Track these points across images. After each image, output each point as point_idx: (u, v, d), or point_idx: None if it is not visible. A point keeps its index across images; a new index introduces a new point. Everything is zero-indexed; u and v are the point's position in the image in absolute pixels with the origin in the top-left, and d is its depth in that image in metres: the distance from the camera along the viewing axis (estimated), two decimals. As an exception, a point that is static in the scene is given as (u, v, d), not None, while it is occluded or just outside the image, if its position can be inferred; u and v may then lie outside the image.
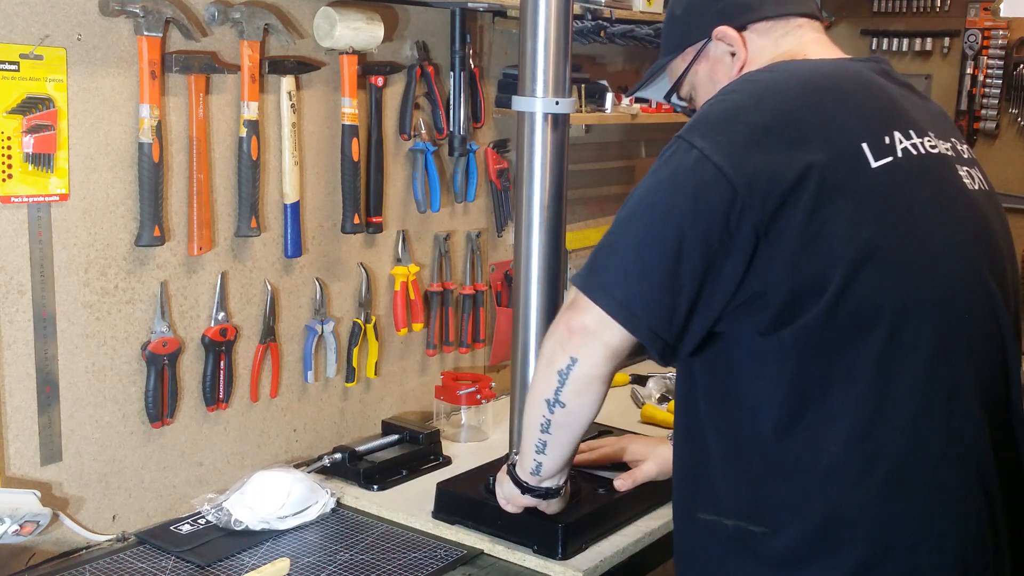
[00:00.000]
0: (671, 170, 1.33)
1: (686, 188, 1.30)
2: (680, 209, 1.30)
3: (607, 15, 2.57)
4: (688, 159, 1.31)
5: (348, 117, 2.15)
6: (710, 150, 1.30)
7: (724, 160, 1.29)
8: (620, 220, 1.36)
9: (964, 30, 3.50)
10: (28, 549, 1.74)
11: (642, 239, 1.32)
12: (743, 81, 1.44)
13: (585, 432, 1.53)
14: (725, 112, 1.36)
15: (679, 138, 1.34)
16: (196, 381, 1.98)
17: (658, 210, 1.32)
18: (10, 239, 1.69)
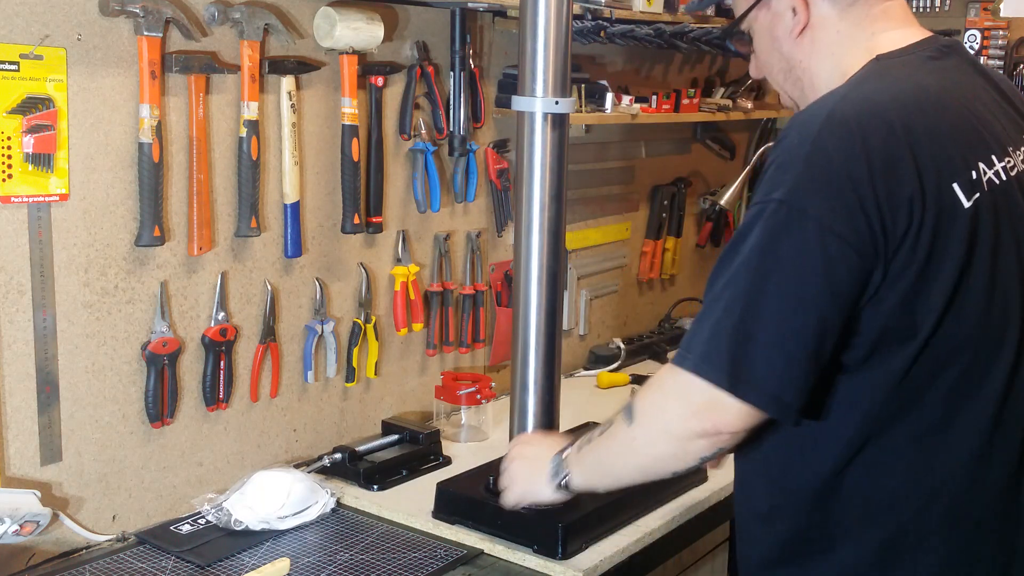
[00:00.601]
0: (794, 249, 1.26)
1: (816, 269, 1.25)
2: (814, 292, 1.26)
3: (607, 15, 2.57)
4: (808, 233, 1.25)
5: (348, 117, 2.15)
6: (828, 219, 1.25)
7: (845, 228, 1.25)
8: (743, 301, 1.27)
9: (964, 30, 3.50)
10: (28, 549, 1.74)
11: (782, 330, 1.26)
12: (813, 116, 1.32)
13: None
14: (819, 167, 1.27)
15: (784, 204, 1.26)
16: (196, 381, 1.98)
17: (792, 298, 1.27)
18: (10, 239, 1.69)
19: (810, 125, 1.30)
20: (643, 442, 1.41)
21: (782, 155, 1.31)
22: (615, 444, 1.47)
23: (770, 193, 1.28)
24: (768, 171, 1.32)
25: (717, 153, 3.46)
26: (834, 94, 1.37)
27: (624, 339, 3.09)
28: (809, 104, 1.40)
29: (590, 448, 1.54)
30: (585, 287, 3.02)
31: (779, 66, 1.52)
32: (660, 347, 3.13)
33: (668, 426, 1.36)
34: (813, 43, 1.46)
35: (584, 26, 2.53)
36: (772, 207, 1.27)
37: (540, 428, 1.88)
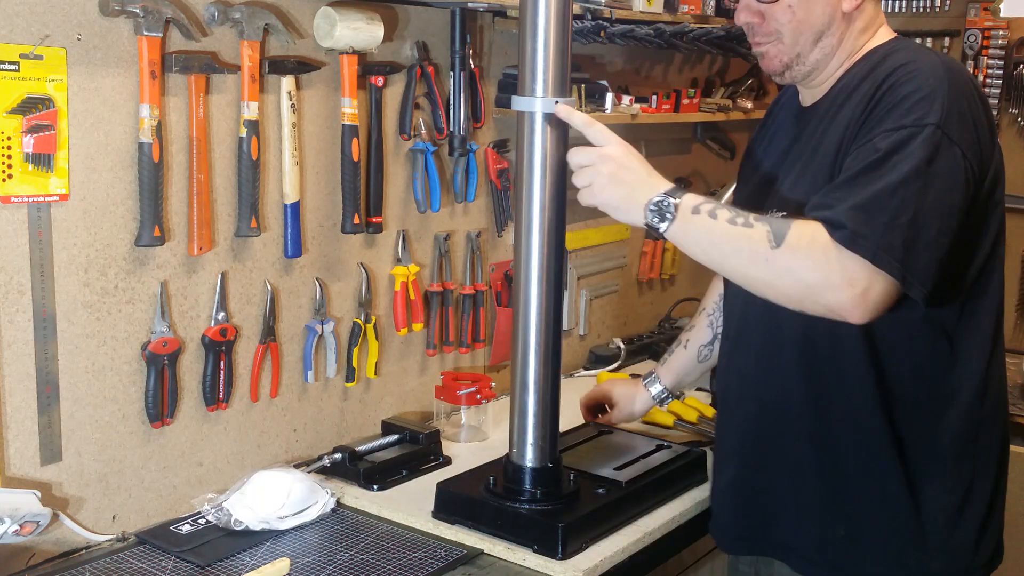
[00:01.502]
0: (948, 167, 1.52)
1: (960, 185, 1.53)
2: (959, 204, 1.54)
3: (607, 15, 2.57)
4: (956, 155, 1.52)
5: (348, 117, 2.15)
6: (965, 147, 1.53)
7: (973, 155, 1.55)
8: (914, 204, 1.49)
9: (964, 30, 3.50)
10: (28, 549, 1.74)
11: (941, 233, 1.51)
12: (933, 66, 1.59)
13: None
14: (959, 106, 1.54)
15: (939, 128, 1.51)
16: (196, 381, 1.98)
17: (947, 207, 1.52)
18: (10, 239, 1.69)
19: (937, 72, 1.57)
20: (776, 270, 1.53)
21: (916, 89, 1.54)
22: (744, 244, 1.54)
23: (924, 118, 1.51)
24: (898, 102, 1.55)
25: (717, 153, 3.46)
26: (922, 52, 1.67)
27: (624, 339, 3.09)
28: (909, 58, 1.63)
29: (711, 222, 1.56)
30: (585, 287, 3.02)
31: (818, 28, 1.70)
32: (660, 347, 3.13)
33: (815, 281, 1.51)
34: (858, 21, 1.71)
35: (584, 26, 2.53)
36: (930, 130, 1.51)
37: (540, 428, 1.87)
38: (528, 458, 1.88)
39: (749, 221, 1.54)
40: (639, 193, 1.62)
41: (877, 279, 1.47)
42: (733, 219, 1.55)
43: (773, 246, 1.51)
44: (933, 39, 3.56)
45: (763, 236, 1.52)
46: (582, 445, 2.20)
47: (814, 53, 1.72)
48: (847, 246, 1.47)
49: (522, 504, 1.86)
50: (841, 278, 1.48)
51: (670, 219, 1.58)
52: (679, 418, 2.48)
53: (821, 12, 1.69)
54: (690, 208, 1.58)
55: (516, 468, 1.89)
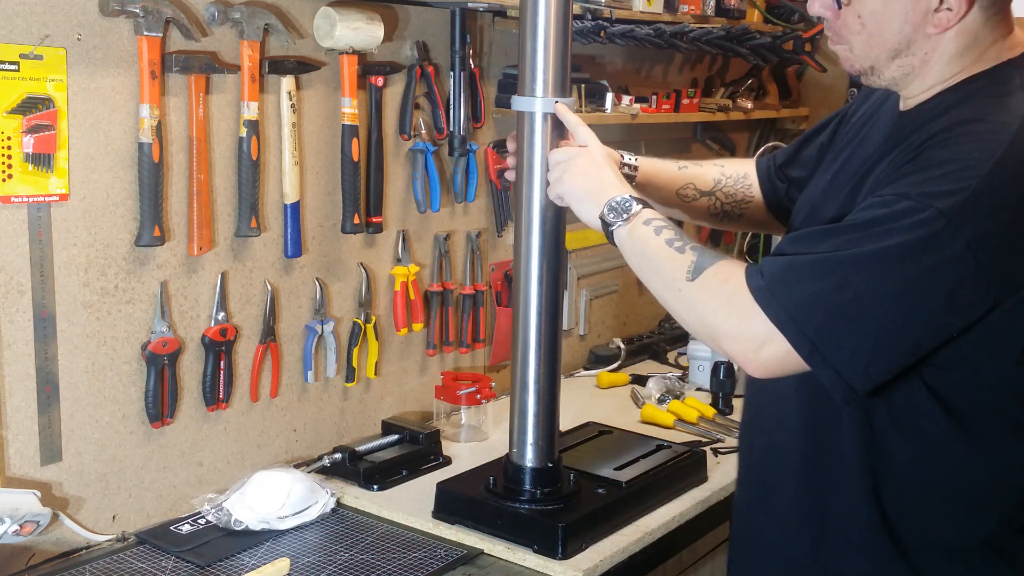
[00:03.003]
0: (935, 265, 1.27)
1: (944, 285, 1.28)
2: (931, 309, 1.29)
3: (607, 15, 2.57)
4: (954, 253, 1.27)
5: (348, 117, 2.15)
6: (978, 245, 1.26)
7: (988, 257, 1.27)
8: (864, 291, 1.30)
9: (964, 30, 3.49)
10: (28, 549, 1.74)
11: (885, 328, 1.30)
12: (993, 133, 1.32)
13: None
14: (997, 198, 1.28)
15: (945, 216, 1.26)
16: (196, 381, 1.98)
17: (907, 302, 1.29)
18: (10, 239, 1.69)
19: (992, 145, 1.30)
20: (684, 303, 1.47)
21: (957, 161, 1.30)
22: (667, 267, 1.49)
23: (933, 198, 1.27)
24: (928, 164, 1.32)
25: (717, 153, 3.46)
26: (1000, 104, 1.36)
27: (624, 339, 3.09)
28: (979, 113, 1.36)
29: (651, 238, 1.53)
30: (585, 287, 3.02)
31: (892, 46, 1.43)
32: (660, 347, 3.13)
33: (714, 324, 1.43)
34: (950, 43, 1.41)
35: (584, 26, 2.53)
36: (932, 214, 1.27)
37: (540, 428, 1.88)
38: (528, 458, 1.88)
39: (684, 247, 1.48)
40: (604, 190, 1.62)
41: (776, 340, 1.34)
42: (671, 240, 1.50)
43: (689, 278, 1.44)
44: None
45: (684, 265, 1.45)
46: (582, 445, 2.20)
47: (891, 70, 1.46)
48: (756, 298, 1.35)
49: (522, 504, 1.86)
50: (737, 328, 1.38)
51: (624, 220, 1.57)
52: (679, 418, 2.48)
53: (898, 29, 1.42)
54: (643, 218, 1.56)
55: (516, 468, 1.89)
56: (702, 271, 1.44)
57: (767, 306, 1.35)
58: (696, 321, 1.47)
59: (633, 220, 1.56)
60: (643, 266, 1.55)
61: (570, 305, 2.93)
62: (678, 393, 2.65)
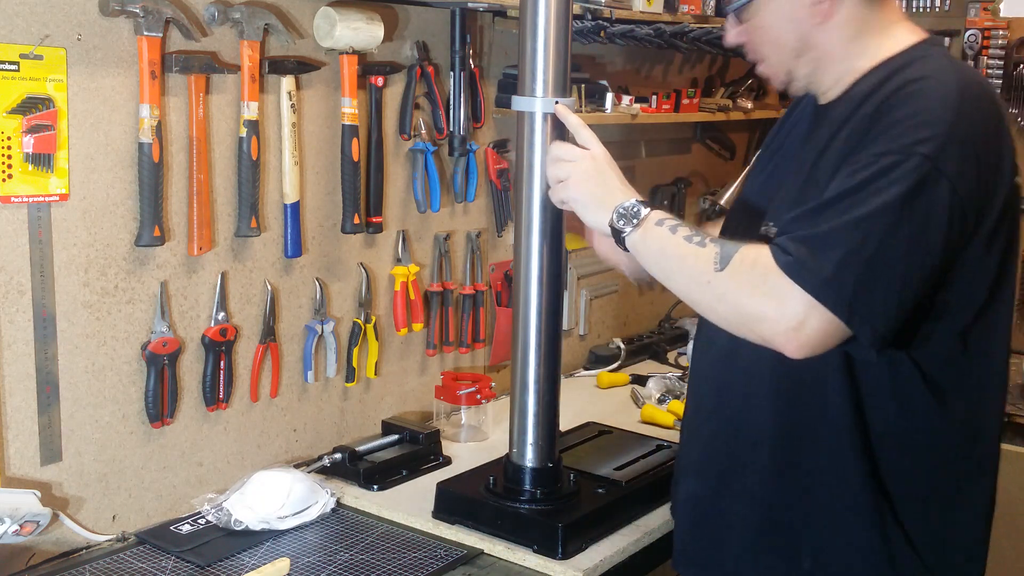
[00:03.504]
0: (930, 204, 1.38)
1: (942, 226, 1.40)
2: (936, 246, 1.40)
3: (607, 15, 2.57)
4: (942, 192, 1.38)
5: (348, 117, 2.15)
6: (958, 182, 1.39)
7: (968, 191, 1.40)
8: (878, 242, 1.37)
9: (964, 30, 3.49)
10: (28, 549, 1.74)
11: (905, 275, 1.40)
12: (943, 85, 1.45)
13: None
14: (961, 136, 1.40)
15: (929, 159, 1.37)
16: (196, 381, 1.98)
17: (919, 248, 1.40)
18: (10, 239, 1.69)
19: (947, 92, 1.43)
20: (715, 293, 1.48)
21: (916, 111, 1.42)
22: (690, 262, 1.50)
23: (914, 146, 1.38)
24: (895, 122, 1.42)
25: (717, 153, 3.46)
26: (939, 67, 1.49)
27: (624, 339, 3.09)
28: (922, 73, 1.48)
29: (669, 236, 1.54)
30: (585, 287, 3.02)
31: (792, 45, 1.60)
32: (660, 347, 3.13)
33: (751, 309, 1.44)
34: (839, 28, 1.56)
35: (584, 26, 2.53)
36: (917, 160, 1.38)
37: (540, 428, 1.88)
38: (528, 458, 1.88)
39: (704, 241, 1.50)
40: (612, 196, 1.62)
41: (815, 314, 1.38)
42: (690, 236, 1.51)
43: (717, 268, 1.45)
44: (933, 39, 3.55)
45: (710, 257, 1.47)
46: (582, 445, 2.20)
47: (801, 68, 1.61)
48: (789, 274, 1.38)
49: (522, 504, 1.86)
50: (776, 310, 1.40)
51: (635, 225, 1.57)
52: (679, 418, 2.48)
53: (791, 30, 1.58)
54: (655, 220, 1.56)
55: (516, 468, 1.89)
56: (729, 259, 1.45)
57: (803, 280, 1.38)
58: (730, 310, 1.48)
59: (644, 223, 1.57)
60: (664, 265, 1.56)
61: (570, 305, 2.93)
62: (678, 393, 2.65)
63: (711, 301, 1.50)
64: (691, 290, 1.52)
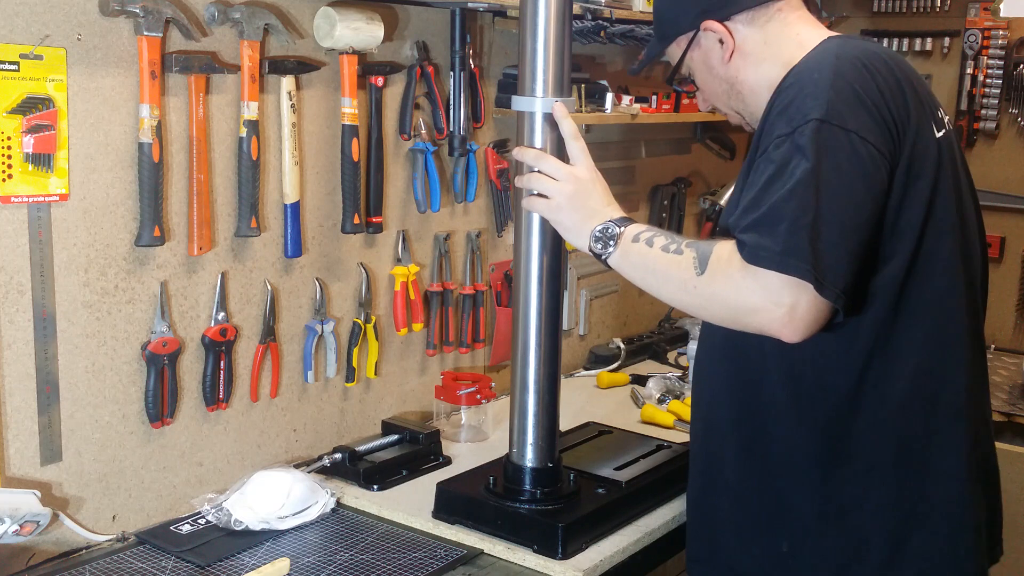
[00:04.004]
0: (844, 158, 1.44)
1: (865, 174, 1.45)
2: (864, 195, 1.45)
3: (607, 15, 2.57)
4: (853, 143, 1.44)
5: (348, 117, 2.15)
6: (864, 132, 1.45)
7: (876, 138, 1.46)
8: (813, 206, 1.40)
9: (964, 30, 3.50)
10: (28, 549, 1.74)
11: (845, 230, 1.43)
12: (819, 62, 1.53)
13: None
14: (846, 92, 1.47)
15: (825, 122, 1.43)
16: (196, 381, 1.98)
17: (849, 201, 1.44)
18: (10, 239, 1.69)
19: (822, 65, 1.51)
20: (702, 297, 1.51)
21: (800, 90, 1.49)
22: (673, 271, 1.53)
23: (806, 116, 1.44)
24: (785, 106, 1.49)
25: (717, 153, 3.46)
26: (821, 50, 1.58)
27: (624, 339, 3.09)
28: (797, 67, 1.56)
29: (647, 250, 1.57)
30: (585, 287, 3.02)
31: (721, 89, 1.73)
32: (660, 347, 3.13)
33: (739, 304, 1.46)
34: (745, 58, 1.68)
35: (584, 26, 2.53)
36: (813, 125, 1.43)
37: (540, 428, 1.88)
38: (528, 458, 1.88)
39: (680, 247, 1.53)
40: (591, 220, 1.66)
41: (802, 293, 1.40)
42: (667, 246, 1.55)
43: (698, 272, 1.49)
44: (933, 39, 3.56)
45: (689, 263, 1.51)
46: (582, 445, 2.20)
47: (740, 106, 1.73)
48: (751, 262, 1.42)
49: (522, 504, 1.86)
50: (763, 298, 1.42)
51: (612, 247, 1.61)
52: (679, 418, 2.48)
53: (716, 76, 1.71)
54: (631, 236, 1.60)
55: (516, 468, 1.89)
56: (706, 261, 1.49)
57: (767, 261, 1.41)
58: (720, 309, 1.51)
59: (621, 243, 1.61)
60: (648, 280, 1.59)
61: (570, 305, 2.93)
62: (678, 393, 2.65)
63: (702, 304, 1.53)
64: (680, 298, 1.56)
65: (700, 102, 1.82)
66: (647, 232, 1.60)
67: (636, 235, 1.60)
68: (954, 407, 1.60)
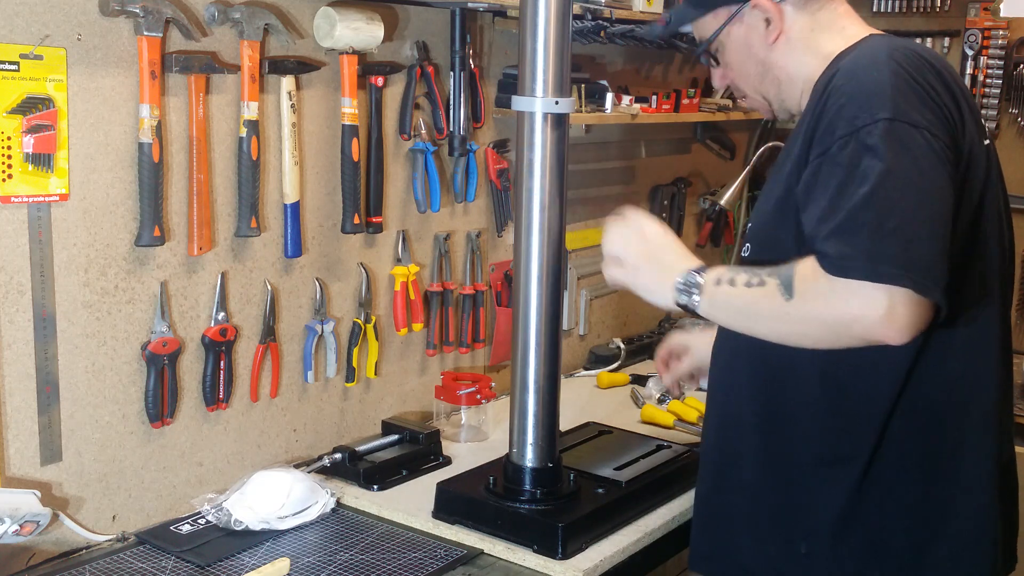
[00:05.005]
0: (920, 154, 1.40)
1: (940, 170, 1.42)
2: (944, 189, 1.42)
3: (607, 15, 2.57)
4: (925, 139, 1.41)
5: (348, 117, 2.15)
6: (933, 128, 1.42)
7: (943, 134, 1.43)
8: (895, 206, 1.38)
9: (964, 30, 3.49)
10: (28, 549, 1.74)
11: (934, 225, 1.40)
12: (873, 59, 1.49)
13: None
14: (910, 90, 1.44)
15: (894, 120, 1.40)
16: (196, 381, 1.98)
17: (933, 197, 1.41)
18: (10, 239, 1.69)
19: (878, 62, 1.47)
20: (797, 321, 1.47)
21: (859, 88, 1.45)
22: (763, 305, 1.49)
23: (873, 115, 1.41)
24: (842, 106, 1.45)
25: (717, 153, 3.46)
26: (870, 47, 1.55)
27: (624, 339, 3.09)
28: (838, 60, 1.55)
29: (732, 291, 1.53)
30: (585, 287, 3.02)
31: (755, 71, 1.69)
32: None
33: (837, 318, 1.42)
34: (789, 44, 1.64)
35: (584, 26, 2.53)
36: (883, 125, 1.40)
37: (540, 428, 1.88)
38: (528, 458, 1.88)
39: (763, 279, 1.49)
40: (670, 276, 1.60)
41: (897, 295, 1.36)
42: (749, 281, 1.50)
43: (786, 299, 1.45)
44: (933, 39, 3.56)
45: (775, 291, 1.46)
46: (582, 445, 2.20)
47: (769, 90, 1.69)
48: (838, 274, 1.39)
49: (522, 504, 1.86)
50: (859, 307, 1.38)
51: (698, 295, 1.56)
52: (679, 418, 2.48)
53: (754, 58, 1.67)
54: (713, 281, 1.55)
55: (516, 468, 1.89)
56: (791, 285, 1.45)
57: (854, 271, 1.38)
58: (818, 329, 1.46)
59: (705, 290, 1.55)
60: (741, 320, 1.56)
61: (570, 305, 2.93)
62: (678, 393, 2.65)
63: (800, 330, 1.48)
64: (777, 329, 1.51)
65: (716, 79, 1.76)
66: (728, 273, 1.55)
67: (718, 278, 1.55)
68: (984, 416, 1.59)
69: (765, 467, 1.65)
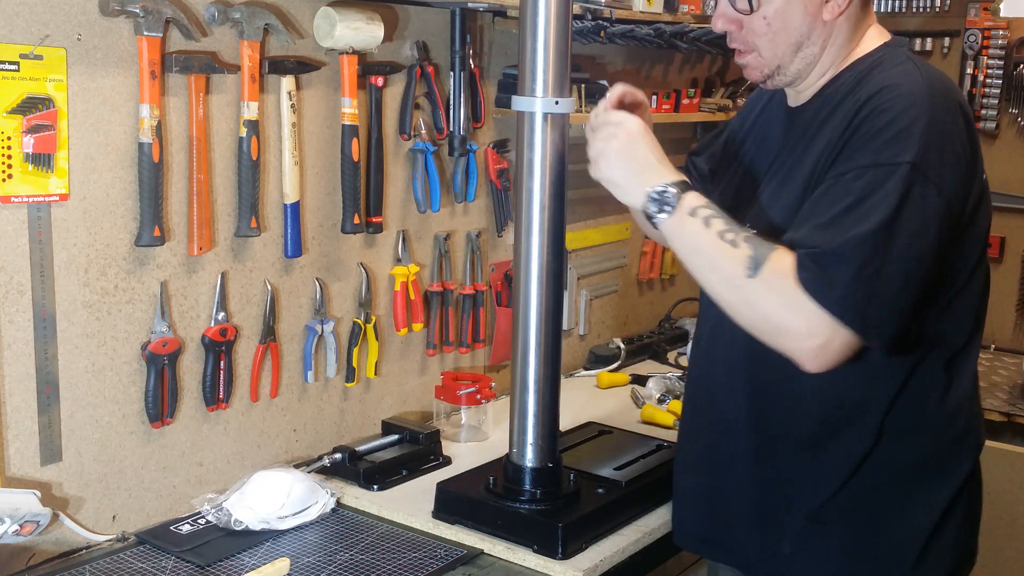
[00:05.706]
0: (920, 210, 1.44)
1: (933, 229, 1.46)
2: (929, 250, 1.46)
3: (607, 15, 2.57)
4: (930, 196, 1.45)
5: (348, 117, 2.15)
6: (943, 184, 1.46)
7: (952, 190, 1.47)
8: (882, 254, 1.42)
9: (964, 30, 3.49)
10: (28, 549, 1.74)
11: (908, 281, 1.45)
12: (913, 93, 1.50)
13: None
14: (939, 139, 1.47)
15: (915, 167, 1.43)
16: (196, 381, 1.98)
17: (916, 255, 1.45)
18: (10, 239, 1.69)
19: (918, 99, 1.49)
20: (745, 298, 1.49)
21: (894, 118, 1.47)
22: (722, 263, 1.50)
23: (899, 155, 1.44)
24: (874, 133, 1.47)
25: (717, 153, 3.45)
26: (908, 75, 1.54)
27: (624, 339, 3.09)
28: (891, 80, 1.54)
29: (703, 229, 1.52)
30: (585, 287, 3.02)
31: (794, 36, 1.61)
32: (660, 347, 3.13)
33: (778, 322, 1.47)
34: (842, 26, 1.61)
35: (584, 26, 2.53)
36: (905, 170, 1.43)
37: (540, 428, 1.88)
38: (528, 458, 1.88)
39: (737, 239, 1.49)
40: (646, 176, 1.58)
41: (839, 333, 1.42)
42: (723, 233, 1.50)
43: (749, 274, 1.46)
44: (933, 39, 3.56)
45: (742, 260, 1.47)
46: (582, 445, 2.20)
47: (795, 64, 1.63)
48: (810, 292, 1.42)
49: (522, 504, 1.86)
50: (804, 327, 1.43)
51: (668, 212, 1.54)
52: (679, 418, 2.48)
53: (800, 23, 1.60)
54: (688, 209, 1.53)
55: (516, 468, 1.89)
56: (760, 266, 1.46)
57: (820, 296, 1.42)
58: (757, 317, 1.50)
59: (678, 211, 1.54)
60: (693, 260, 1.56)
61: (570, 305, 2.93)
62: (678, 393, 2.65)
63: (739, 304, 1.51)
64: (720, 290, 1.54)
65: (719, 23, 1.66)
66: (706, 209, 1.53)
67: (694, 208, 1.53)
68: (973, 416, 1.70)
69: (757, 470, 1.69)
